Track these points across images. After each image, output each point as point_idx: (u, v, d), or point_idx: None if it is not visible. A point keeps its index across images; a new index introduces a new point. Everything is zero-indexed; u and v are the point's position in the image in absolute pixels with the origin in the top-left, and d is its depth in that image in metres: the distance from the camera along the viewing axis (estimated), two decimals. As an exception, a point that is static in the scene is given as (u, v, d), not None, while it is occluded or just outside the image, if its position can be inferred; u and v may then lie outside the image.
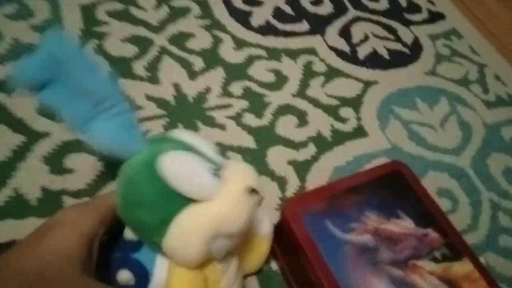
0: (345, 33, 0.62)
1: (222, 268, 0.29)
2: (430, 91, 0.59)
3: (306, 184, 0.45)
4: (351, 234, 0.35)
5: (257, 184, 0.28)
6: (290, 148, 0.48)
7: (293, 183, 0.45)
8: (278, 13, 0.61)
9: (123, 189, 0.26)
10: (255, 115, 0.49)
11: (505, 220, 0.48)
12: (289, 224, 0.34)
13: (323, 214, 0.36)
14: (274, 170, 0.45)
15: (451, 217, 0.40)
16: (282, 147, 0.47)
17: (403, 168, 0.41)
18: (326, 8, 0.65)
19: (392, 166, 0.41)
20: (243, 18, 0.59)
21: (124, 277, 0.27)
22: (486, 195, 0.50)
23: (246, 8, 0.60)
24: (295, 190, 0.44)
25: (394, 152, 0.50)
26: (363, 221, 0.36)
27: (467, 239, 0.39)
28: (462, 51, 0.66)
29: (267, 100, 0.51)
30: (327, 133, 0.50)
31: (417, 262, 0.35)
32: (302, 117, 0.51)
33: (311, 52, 0.58)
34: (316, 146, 0.48)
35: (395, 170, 0.40)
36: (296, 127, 0.50)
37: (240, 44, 0.56)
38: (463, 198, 0.49)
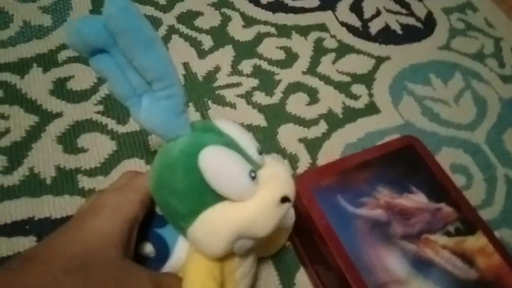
0: (356, 8, 0.61)
1: (239, 259, 0.29)
2: (444, 66, 0.57)
3: (318, 161, 0.45)
4: (362, 208, 0.35)
5: (292, 193, 0.27)
6: (301, 125, 0.47)
7: (304, 160, 0.45)
8: (288, -11, 0.60)
9: (159, 172, 0.26)
10: (265, 93, 0.49)
11: (520, 196, 0.47)
12: (300, 198, 0.34)
13: (335, 189, 0.36)
14: (285, 148, 0.45)
15: (465, 193, 0.39)
16: (292, 125, 0.47)
17: (416, 142, 0.40)
18: (336, -17, 0.63)
19: (405, 141, 0.40)
20: (251, -5, 0.58)
21: (147, 250, 0.28)
22: (502, 170, 0.49)
23: (255, -15, 0.59)
24: (306, 167, 0.44)
25: (407, 128, 0.50)
26: (375, 195, 0.36)
27: (482, 215, 0.38)
28: (477, 25, 0.64)
29: (277, 78, 0.51)
30: (338, 110, 0.50)
31: (430, 236, 0.35)
32: (313, 94, 0.50)
33: (321, 28, 0.57)
34: (327, 124, 0.48)
35: (408, 145, 0.40)
36: (307, 105, 0.49)
37: (249, 21, 0.55)
38: (477, 174, 0.48)
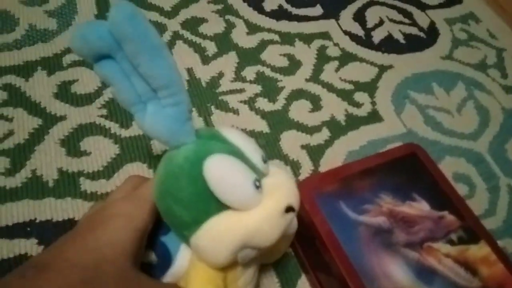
0: (359, 17, 0.61)
1: (242, 268, 0.29)
2: (446, 76, 0.58)
3: (320, 168, 0.45)
4: (365, 215, 0.35)
5: (297, 203, 0.27)
6: (303, 132, 0.47)
7: (306, 167, 0.45)
8: (291, -3, 0.61)
9: (163, 179, 0.26)
10: (268, 100, 0.49)
11: (523, 206, 0.47)
12: (303, 205, 0.34)
13: (337, 196, 0.35)
14: (288, 154, 0.45)
15: (468, 202, 0.39)
16: (295, 132, 0.47)
17: (418, 150, 0.40)
18: (340, -8, 0.64)
19: (407, 148, 0.40)
20: (256, 3, 0.58)
21: (149, 257, 0.28)
22: (504, 180, 0.49)
23: (259, -7, 0.60)
24: (309, 174, 0.44)
25: (410, 137, 0.50)
26: (377, 203, 0.36)
27: (485, 225, 0.38)
28: (479, 35, 0.65)
29: (280, 84, 0.51)
30: (341, 117, 0.50)
31: (432, 244, 0.35)
32: (315, 101, 0.50)
33: (325, 36, 0.57)
34: (330, 131, 0.48)
35: (410, 152, 0.40)
36: (310, 112, 0.49)
37: (253, 28, 0.55)
38: (480, 184, 0.48)
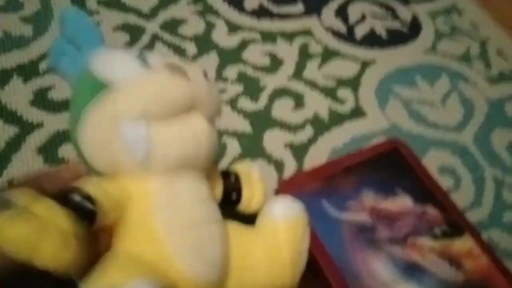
0: (341, 13, 0.61)
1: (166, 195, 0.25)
2: (430, 69, 0.57)
3: (304, 166, 0.44)
4: (347, 213, 0.35)
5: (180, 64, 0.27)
6: (286, 131, 0.47)
7: (290, 166, 0.44)
8: (272, -5, 0.60)
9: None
10: (250, 99, 0.49)
11: (509, 197, 0.47)
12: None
13: (319, 194, 0.35)
14: (271, 154, 0.45)
15: (454, 194, 0.39)
16: (278, 130, 0.47)
17: (401, 145, 0.40)
18: (321, -12, 0.63)
19: (390, 144, 0.40)
20: (236, 2, 0.57)
21: None
22: (490, 171, 0.49)
23: (239, -8, 0.59)
24: (293, 173, 0.44)
25: (394, 131, 0.49)
26: (360, 200, 0.36)
27: (470, 216, 0.38)
28: (463, 28, 0.65)
29: (263, 83, 0.50)
30: (324, 114, 0.49)
31: (416, 239, 0.34)
32: (298, 99, 0.50)
33: (307, 33, 0.57)
34: (314, 128, 0.48)
35: (393, 148, 0.40)
36: (293, 110, 0.49)
37: (233, 28, 0.55)
38: (466, 175, 0.48)
